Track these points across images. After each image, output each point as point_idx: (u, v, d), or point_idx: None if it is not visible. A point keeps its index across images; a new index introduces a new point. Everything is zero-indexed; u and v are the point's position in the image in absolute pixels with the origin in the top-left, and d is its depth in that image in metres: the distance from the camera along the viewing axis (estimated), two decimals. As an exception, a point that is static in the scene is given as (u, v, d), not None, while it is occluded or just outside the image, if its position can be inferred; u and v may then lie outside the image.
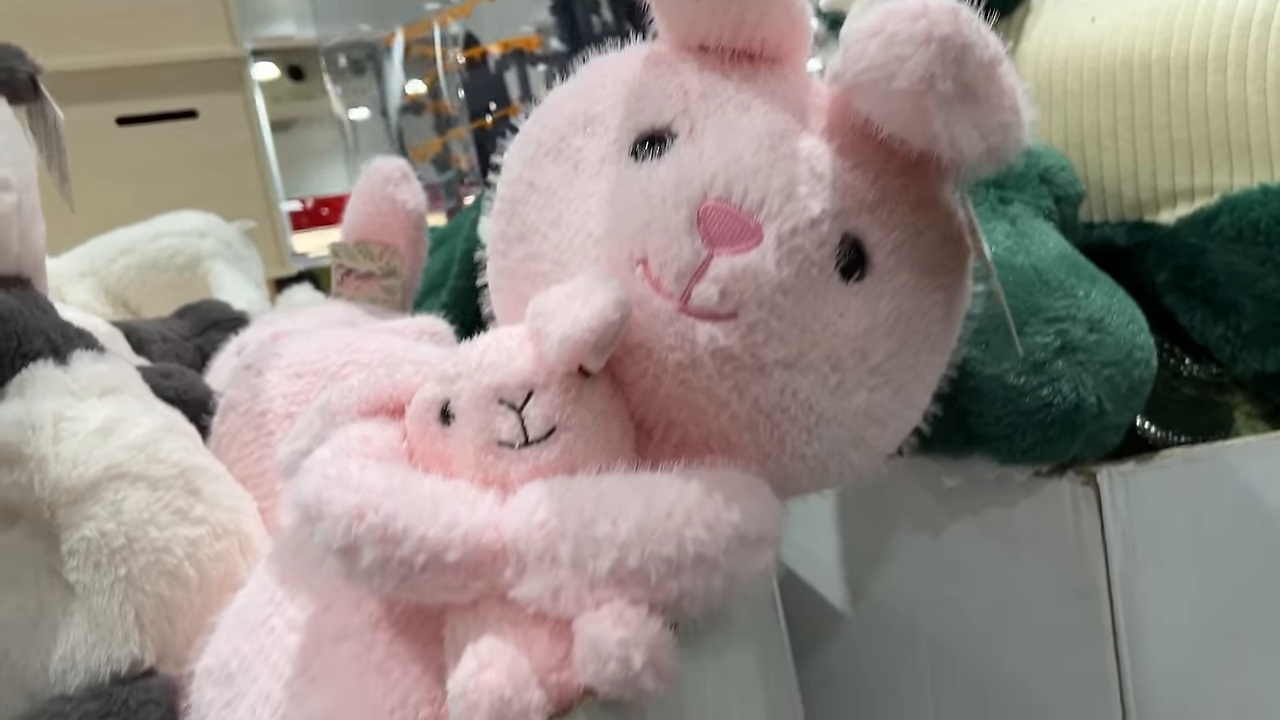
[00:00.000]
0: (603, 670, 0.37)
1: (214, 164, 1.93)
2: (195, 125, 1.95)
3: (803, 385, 0.45)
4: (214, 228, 1.49)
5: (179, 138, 1.92)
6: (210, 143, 1.95)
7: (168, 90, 1.90)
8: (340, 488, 0.41)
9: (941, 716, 0.66)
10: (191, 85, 1.93)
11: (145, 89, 1.88)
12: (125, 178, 1.79)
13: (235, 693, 0.47)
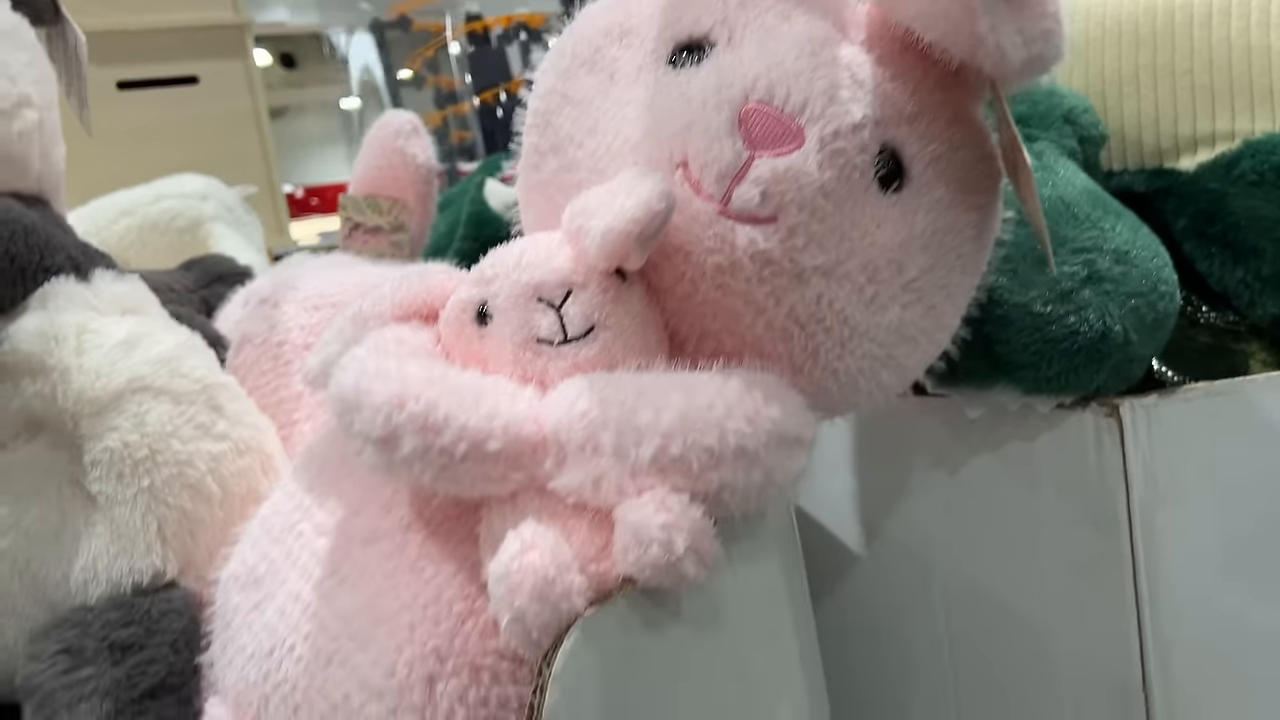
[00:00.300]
0: (644, 555, 0.37)
1: (214, 131, 1.92)
2: (196, 91, 1.94)
3: (839, 295, 0.45)
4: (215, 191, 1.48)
5: (179, 103, 1.91)
6: (211, 109, 1.94)
7: (169, 55, 1.89)
8: (380, 378, 0.41)
9: (956, 654, 0.66)
10: (193, 51, 1.92)
11: (146, 54, 1.87)
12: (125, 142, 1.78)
13: (263, 595, 0.47)
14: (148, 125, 1.86)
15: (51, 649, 0.50)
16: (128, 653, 0.49)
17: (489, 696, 0.40)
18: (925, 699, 0.68)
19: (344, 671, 0.42)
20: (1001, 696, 0.64)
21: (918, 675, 0.69)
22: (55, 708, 0.48)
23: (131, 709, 0.48)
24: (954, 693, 0.67)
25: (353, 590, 0.44)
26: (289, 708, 0.43)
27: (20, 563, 0.53)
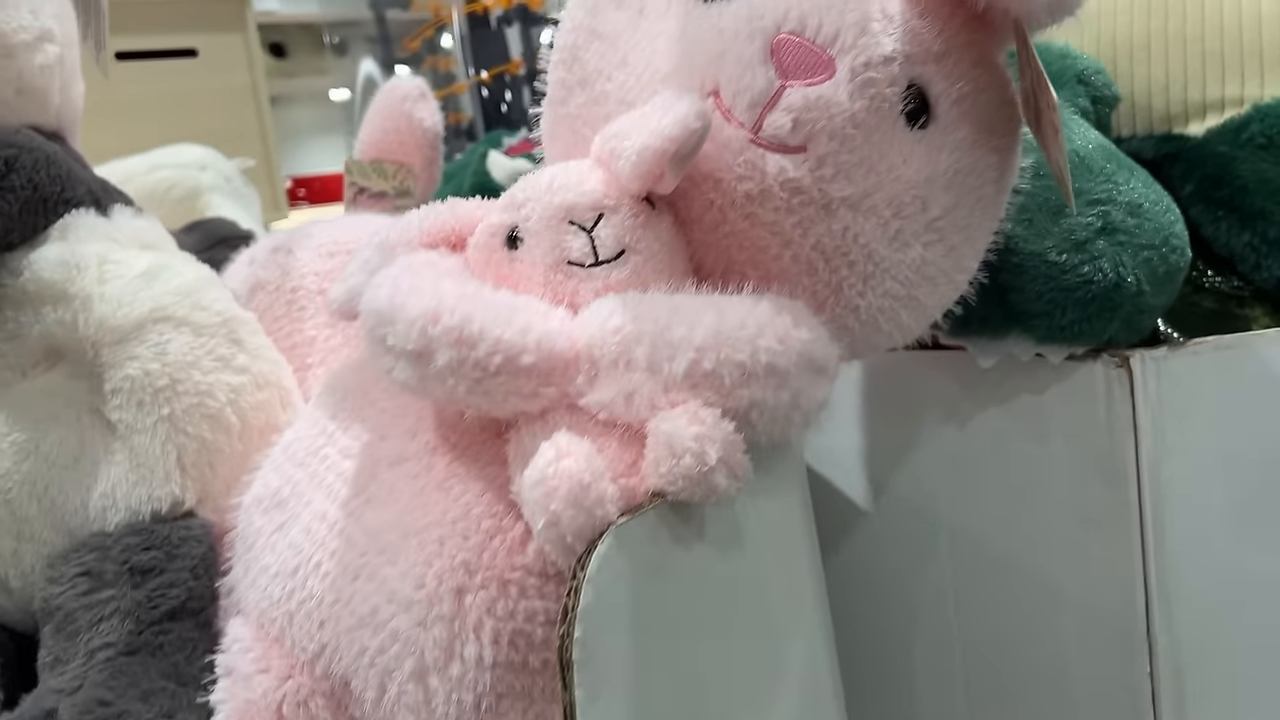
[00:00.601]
0: (677, 466, 0.38)
1: (212, 104, 1.91)
2: (194, 64, 1.93)
3: (864, 229, 0.45)
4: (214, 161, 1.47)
5: (178, 76, 1.90)
6: (209, 82, 1.93)
7: (168, 27, 1.89)
8: (414, 294, 0.41)
9: (961, 608, 0.67)
10: (192, 23, 1.91)
11: (145, 24, 1.86)
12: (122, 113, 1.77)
13: (287, 516, 0.47)
14: (144, 97, 1.85)
15: (71, 572, 0.50)
16: (148, 576, 0.49)
17: (516, 610, 0.41)
18: (929, 652, 0.69)
19: (372, 585, 0.42)
20: (1005, 647, 0.65)
21: (921, 629, 0.69)
22: (76, 628, 0.48)
23: (152, 630, 0.48)
24: (958, 645, 0.67)
25: (380, 508, 0.44)
26: (314, 623, 0.44)
27: (39, 488, 0.53)
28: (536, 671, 0.41)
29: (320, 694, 0.45)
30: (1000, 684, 0.66)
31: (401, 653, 0.41)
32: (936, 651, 0.68)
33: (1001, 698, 0.66)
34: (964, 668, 0.67)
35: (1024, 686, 0.64)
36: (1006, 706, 0.65)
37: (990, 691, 0.66)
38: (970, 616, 0.67)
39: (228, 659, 0.46)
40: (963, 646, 0.67)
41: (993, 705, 0.66)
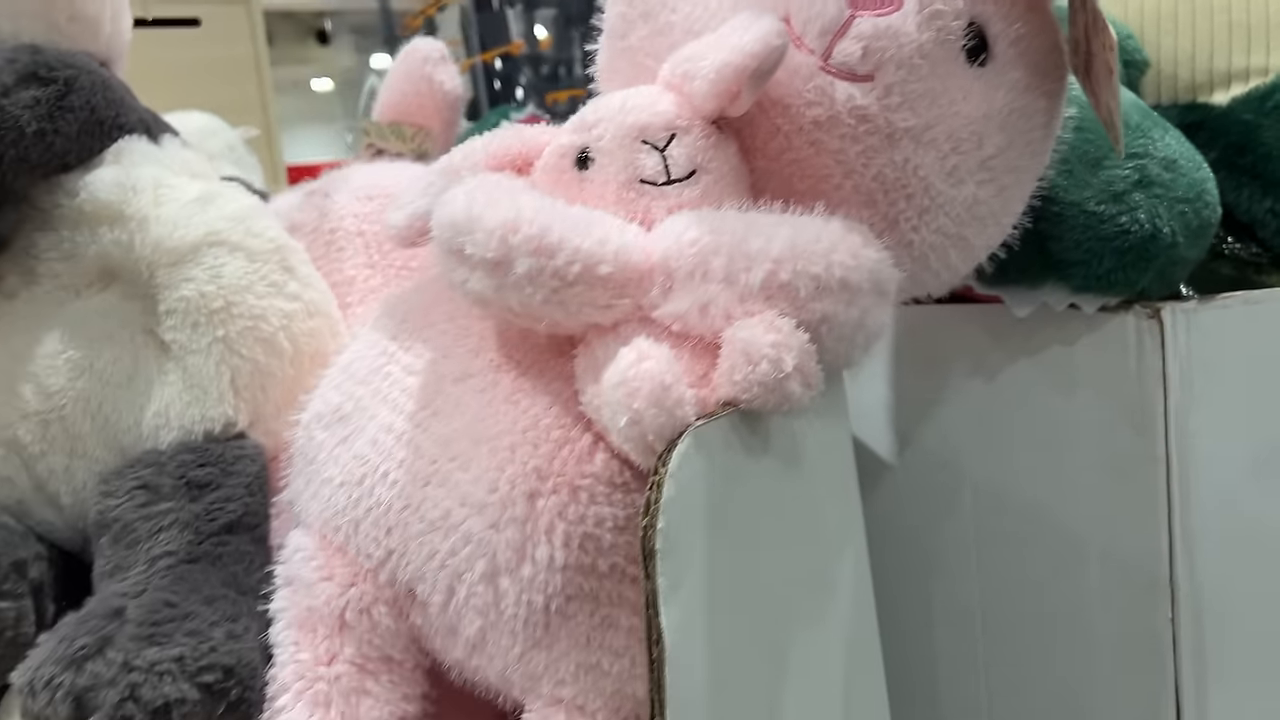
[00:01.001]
0: (753, 372, 0.39)
1: (214, 74, 1.91)
2: (197, 35, 1.93)
3: (924, 161, 0.47)
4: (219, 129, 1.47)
5: (180, 45, 1.90)
6: (211, 53, 1.93)
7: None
8: (492, 205, 0.42)
9: (983, 559, 0.68)
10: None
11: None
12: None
13: (351, 430, 0.48)
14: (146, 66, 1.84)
15: (128, 485, 0.50)
16: (205, 490, 0.50)
17: (586, 515, 0.42)
18: (948, 603, 0.70)
19: (443, 490, 0.43)
20: (1026, 596, 0.66)
21: (941, 581, 0.71)
22: (136, 537, 0.48)
23: (211, 541, 0.48)
24: (978, 595, 0.69)
25: (448, 420, 0.45)
26: (381, 530, 0.45)
27: (93, 405, 0.53)
28: (604, 575, 0.42)
29: (383, 601, 0.45)
30: (1019, 632, 0.67)
31: (473, 554, 0.42)
32: (955, 602, 0.70)
33: (1020, 645, 0.67)
34: (982, 618, 0.69)
35: (1043, 634, 0.66)
36: (1024, 653, 0.67)
37: (1008, 639, 0.67)
38: (992, 567, 0.68)
39: (288, 569, 0.47)
40: (982, 597, 0.69)
41: (1010, 652, 0.67)
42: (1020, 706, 0.67)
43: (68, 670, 0.40)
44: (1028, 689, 0.67)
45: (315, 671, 0.45)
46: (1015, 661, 0.67)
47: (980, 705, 0.69)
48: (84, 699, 0.39)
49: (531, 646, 0.42)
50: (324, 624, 0.45)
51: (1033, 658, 0.66)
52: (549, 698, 0.43)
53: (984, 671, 0.69)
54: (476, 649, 0.44)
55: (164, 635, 0.42)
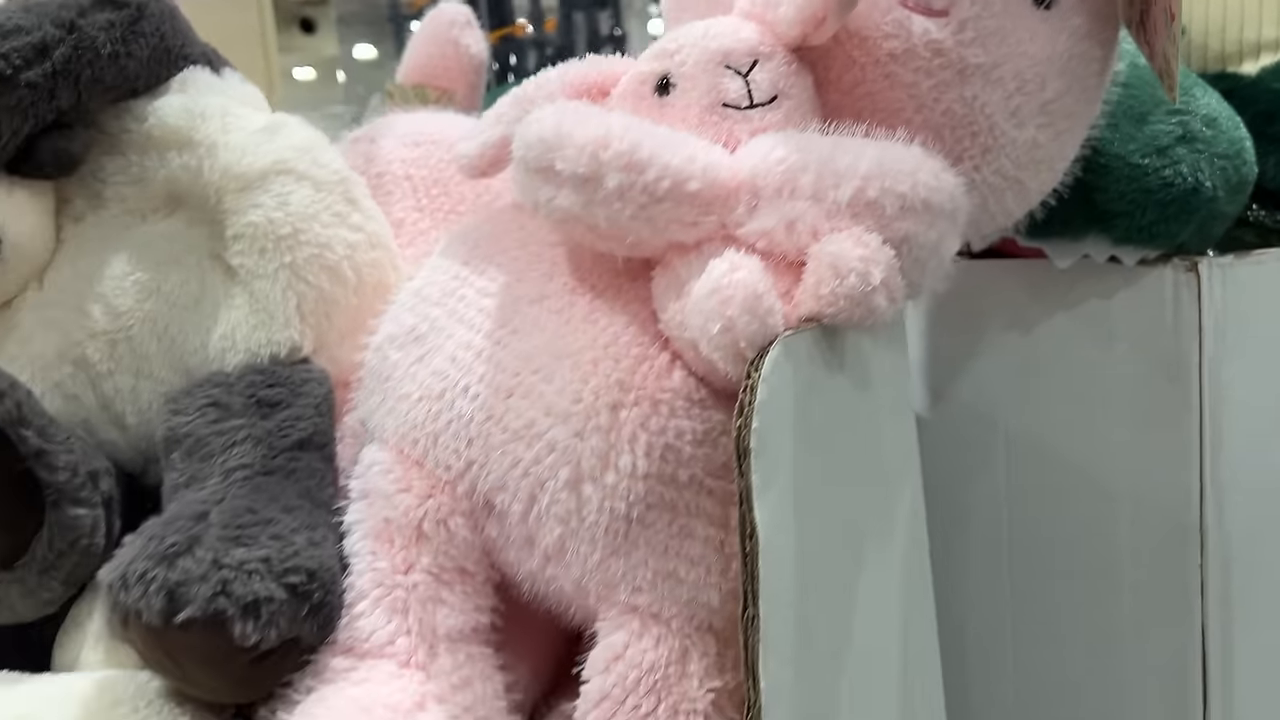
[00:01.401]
0: (841, 285, 0.40)
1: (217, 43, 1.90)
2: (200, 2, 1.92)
3: (990, 99, 0.48)
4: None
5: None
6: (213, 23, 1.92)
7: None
8: (582, 123, 0.43)
9: (1014, 510, 0.70)
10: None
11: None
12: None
13: (427, 349, 0.48)
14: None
15: (198, 402, 0.51)
16: (275, 409, 0.51)
17: (667, 426, 0.43)
18: (979, 552, 0.72)
19: (526, 402, 0.44)
20: (1056, 544, 0.68)
21: (971, 531, 0.72)
22: (210, 451, 0.49)
23: (284, 456, 0.49)
24: (1008, 547, 0.70)
25: (527, 337, 0.46)
26: (462, 441, 0.45)
27: (160, 326, 0.54)
28: (683, 485, 0.43)
29: (459, 513, 0.46)
30: (1048, 579, 0.68)
31: (557, 462, 0.43)
32: (985, 552, 0.71)
33: (1048, 591, 0.69)
34: (1010, 567, 0.70)
35: (1072, 581, 0.67)
36: (1053, 599, 0.68)
37: (1037, 586, 0.69)
38: (1023, 516, 0.69)
39: (364, 482, 0.48)
40: (1011, 546, 0.70)
41: (1039, 599, 0.69)
42: (1047, 650, 0.69)
43: (160, 565, 0.41)
44: (1055, 634, 0.68)
45: (393, 579, 0.46)
46: (1043, 607, 0.69)
47: (1006, 649, 0.70)
48: (176, 593, 0.40)
49: (610, 554, 0.43)
50: (401, 534, 0.46)
51: (1061, 604, 0.68)
52: (624, 605, 0.44)
53: (1011, 617, 0.70)
54: (554, 558, 0.45)
55: (249, 537, 0.43)
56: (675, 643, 0.44)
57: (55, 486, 0.46)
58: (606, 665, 0.44)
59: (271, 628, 0.41)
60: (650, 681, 0.44)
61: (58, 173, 0.53)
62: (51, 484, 0.46)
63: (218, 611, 0.40)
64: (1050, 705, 0.68)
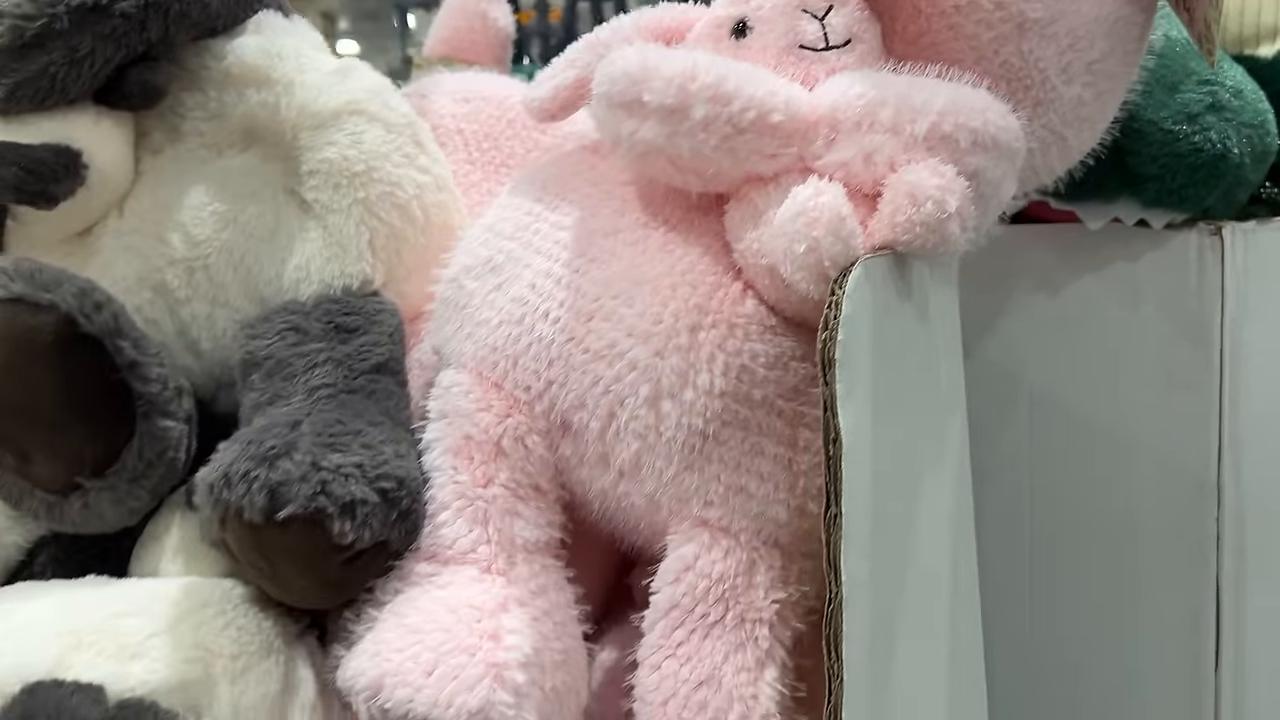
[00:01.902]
0: (917, 213, 0.42)
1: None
2: None
3: (1045, 54, 0.51)
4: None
5: None
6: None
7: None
8: (667, 58, 0.45)
9: (1036, 469, 0.72)
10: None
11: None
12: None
13: (504, 278, 0.50)
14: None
15: (277, 327, 0.53)
16: (353, 334, 0.53)
17: (743, 349, 0.45)
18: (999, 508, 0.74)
19: (608, 324, 0.46)
20: (1077, 501, 0.71)
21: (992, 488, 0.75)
22: (292, 371, 0.51)
23: (364, 378, 0.51)
24: (1029, 502, 0.73)
25: (605, 265, 0.48)
26: (541, 362, 0.48)
27: (236, 256, 0.56)
28: (757, 405, 0.45)
29: (536, 431, 0.48)
30: (1068, 534, 0.71)
31: (638, 380, 0.45)
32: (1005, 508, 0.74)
33: (1067, 546, 0.71)
34: (1031, 521, 0.73)
35: (1091, 535, 0.70)
36: (1071, 553, 0.71)
37: (1056, 541, 0.72)
38: (1044, 472, 0.72)
39: (443, 403, 0.50)
40: (1032, 501, 0.73)
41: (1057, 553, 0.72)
42: (1064, 601, 0.71)
43: (261, 465, 0.43)
44: (1072, 584, 0.71)
45: (474, 492, 0.48)
46: (1062, 558, 0.71)
47: (1024, 600, 0.73)
48: (277, 491, 0.42)
49: (685, 468, 0.46)
50: (481, 450, 0.48)
51: (1079, 557, 0.71)
52: (695, 519, 0.47)
53: (1029, 568, 0.73)
54: (628, 473, 0.47)
55: (342, 444, 0.45)
56: (743, 555, 0.46)
57: (147, 398, 0.48)
58: (676, 576, 0.47)
59: (366, 529, 0.43)
60: (719, 591, 0.46)
61: (143, 104, 0.55)
62: (144, 395, 0.48)
63: (318, 510, 0.42)
64: (1066, 652, 0.71)
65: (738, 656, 0.46)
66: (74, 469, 0.47)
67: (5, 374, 0.45)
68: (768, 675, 0.46)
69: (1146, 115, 0.62)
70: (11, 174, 0.50)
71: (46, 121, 0.52)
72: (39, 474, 0.47)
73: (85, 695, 0.40)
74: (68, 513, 0.48)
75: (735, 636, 0.46)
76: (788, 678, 0.46)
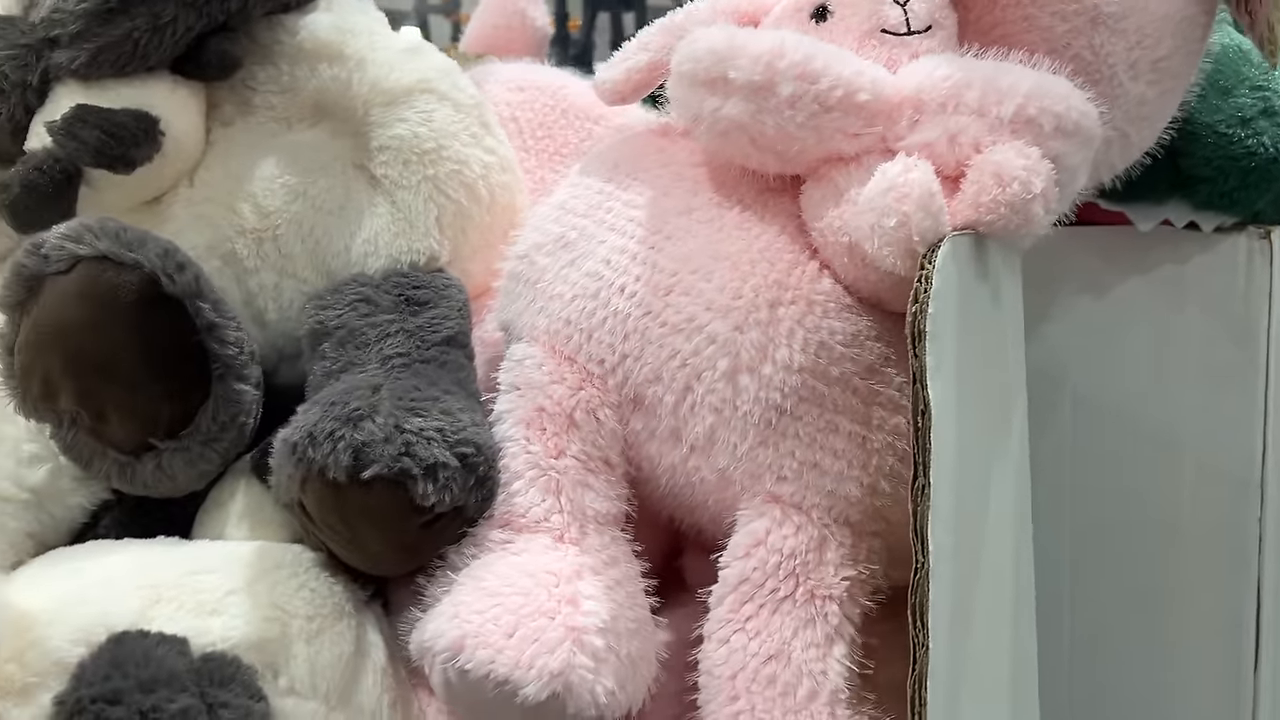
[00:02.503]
0: (1003, 193, 0.43)
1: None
2: None
3: (1115, 49, 0.52)
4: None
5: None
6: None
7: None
8: (754, 37, 0.46)
9: (1077, 469, 0.73)
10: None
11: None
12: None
13: (578, 254, 0.51)
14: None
15: (348, 298, 0.53)
16: (423, 307, 0.53)
17: (821, 325, 0.46)
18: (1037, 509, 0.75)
19: (687, 298, 0.47)
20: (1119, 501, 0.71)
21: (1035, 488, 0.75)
22: (365, 340, 0.51)
23: (435, 349, 0.51)
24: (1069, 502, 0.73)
25: (681, 242, 0.49)
26: (617, 336, 0.48)
27: (305, 228, 0.56)
28: (833, 381, 0.46)
29: (608, 405, 0.49)
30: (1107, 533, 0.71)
31: (716, 354, 0.46)
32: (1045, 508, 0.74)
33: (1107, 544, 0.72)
34: (1071, 521, 0.73)
35: (1131, 533, 0.70)
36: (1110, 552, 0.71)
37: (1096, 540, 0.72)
38: (1086, 474, 0.72)
39: (515, 375, 0.50)
40: (1073, 501, 0.73)
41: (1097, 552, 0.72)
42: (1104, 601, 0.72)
43: (346, 426, 0.43)
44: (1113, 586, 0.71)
45: (546, 462, 0.48)
46: (1102, 561, 0.72)
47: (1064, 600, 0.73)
48: (362, 452, 0.42)
49: (760, 443, 0.46)
50: (553, 422, 0.49)
51: (1120, 557, 0.71)
52: (767, 494, 0.47)
53: (1070, 570, 0.73)
54: (700, 448, 0.47)
55: (423, 409, 0.45)
56: (814, 531, 0.47)
57: (223, 360, 0.48)
58: (747, 551, 0.47)
59: (446, 492, 0.44)
60: (790, 567, 0.46)
61: (219, 74, 0.55)
62: (220, 357, 0.48)
63: (402, 470, 0.42)
64: (1105, 651, 0.71)
65: (807, 632, 0.46)
66: (149, 429, 0.48)
67: (88, 331, 0.46)
68: (836, 651, 0.46)
69: (1200, 118, 0.63)
70: (94, 137, 0.50)
71: (125, 88, 0.53)
72: (114, 434, 0.47)
73: (170, 646, 0.40)
74: (140, 474, 0.48)
75: (805, 612, 0.46)
76: (856, 654, 0.47)
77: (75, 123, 0.51)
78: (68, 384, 0.46)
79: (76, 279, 0.46)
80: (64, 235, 0.46)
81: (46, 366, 0.46)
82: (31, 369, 0.46)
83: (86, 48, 0.51)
